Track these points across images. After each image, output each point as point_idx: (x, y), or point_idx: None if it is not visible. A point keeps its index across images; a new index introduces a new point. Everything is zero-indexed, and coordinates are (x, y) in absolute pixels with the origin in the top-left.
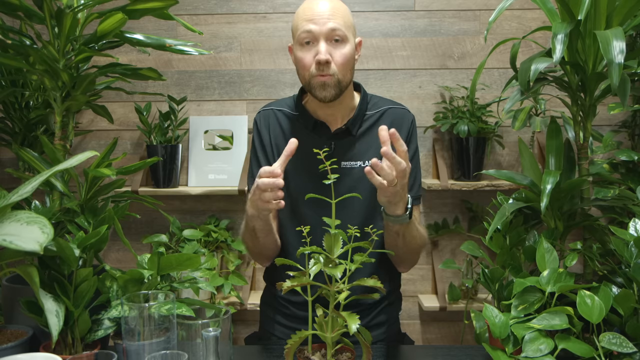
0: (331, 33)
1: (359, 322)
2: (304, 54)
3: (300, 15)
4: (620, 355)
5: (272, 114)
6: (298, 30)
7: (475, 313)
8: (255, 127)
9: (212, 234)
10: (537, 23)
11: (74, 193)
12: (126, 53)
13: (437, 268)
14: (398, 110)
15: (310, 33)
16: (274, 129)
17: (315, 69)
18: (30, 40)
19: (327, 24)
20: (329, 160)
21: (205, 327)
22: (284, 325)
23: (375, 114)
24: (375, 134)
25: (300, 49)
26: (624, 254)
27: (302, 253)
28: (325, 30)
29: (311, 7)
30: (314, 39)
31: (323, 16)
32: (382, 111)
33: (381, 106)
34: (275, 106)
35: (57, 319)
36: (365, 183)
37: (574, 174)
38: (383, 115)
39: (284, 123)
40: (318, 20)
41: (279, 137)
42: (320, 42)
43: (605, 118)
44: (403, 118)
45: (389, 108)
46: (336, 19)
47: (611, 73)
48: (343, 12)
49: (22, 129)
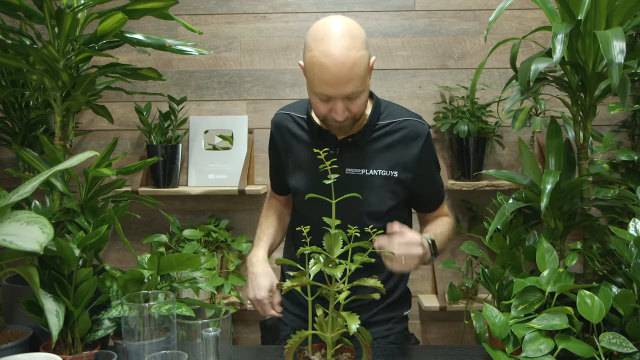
0: (349, 95)
1: (359, 322)
2: (321, 105)
3: (317, 72)
4: (620, 355)
5: (282, 117)
6: (314, 85)
7: (475, 313)
8: (271, 131)
9: (212, 234)
10: (537, 23)
11: (74, 193)
12: (126, 53)
13: (437, 268)
14: (412, 123)
15: (328, 96)
16: (284, 131)
17: (332, 120)
18: (30, 40)
19: (344, 89)
20: (330, 162)
21: (205, 327)
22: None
23: (389, 124)
24: (383, 144)
25: (316, 98)
26: (624, 254)
27: (302, 253)
28: (343, 94)
29: (328, 68)
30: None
31: (341, 81)
32: (398, 122)
33: (396, 117)
34: (286, 110)
35: (57, 319)
36: (369, 190)
37: (574, 174)
38: (396, 128)
39: (292, 126)
40: (337, 86)
41: (289, 139)
42: (337, 102)
43: (605, 118)
44: (417, 132)
45: (404, 120)
46: (354, 82)
47: (611, 73)
48: (358, 69)
49: (22, 129)
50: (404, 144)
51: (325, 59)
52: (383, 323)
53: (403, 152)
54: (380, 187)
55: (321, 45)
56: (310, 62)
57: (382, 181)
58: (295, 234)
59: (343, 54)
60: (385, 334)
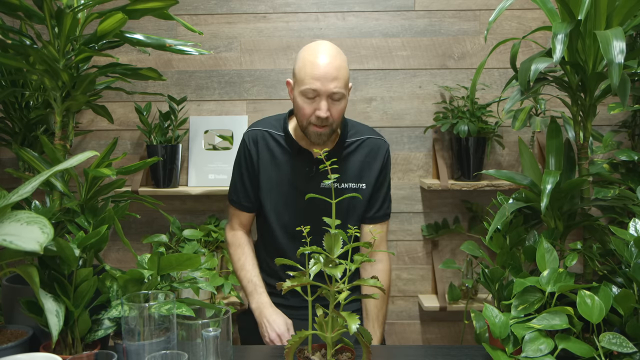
0: (332, 94)
1: (359, 322)
2: (306, 105)
3: (308, 70)
4: (620, 355)
5: (259, 133)
6: (304, 83)
7: (475, 313)
8: (244, 145)
9: (212, 234)
10: (537, 23)
11: (74, 193)
12: (126, 53)
13: (437, 268)
14: (374, 140)
15: (315, 91)
16: (261, 148)
17: (315, 120)
18: (30, 40)
19: (330, 85)
20: (330, 161)
21: (205, 327)
22: None
23: (354, 142)
24: (353, 160)
25: (302, 98)
26: (624, 254)
27: (301, 253)
28: (329, 91)
29: (318, 64)
30: (317, 95)
31: (328, 77)
32: (361, 140)
33: (360, 135)
34: (262, 126)
35: (57, 319)
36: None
37: (574, 174)
38: (361, 145)
39: (270, 143)
40: (324, 81)
41: (265, 156)
42: (322, 100)
43: (605, 118)
44: (379, 148)
45: (368, 138)
46: (339, 82)
47: (611, 73)
48: (344, 72)
49: (22, 129)
50: (369, 159)
51: (315, 59)
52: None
53: (368, 167)
54: (350, 200)
55: (312, 52)
56: (301, 65)
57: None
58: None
59: (332, 55)
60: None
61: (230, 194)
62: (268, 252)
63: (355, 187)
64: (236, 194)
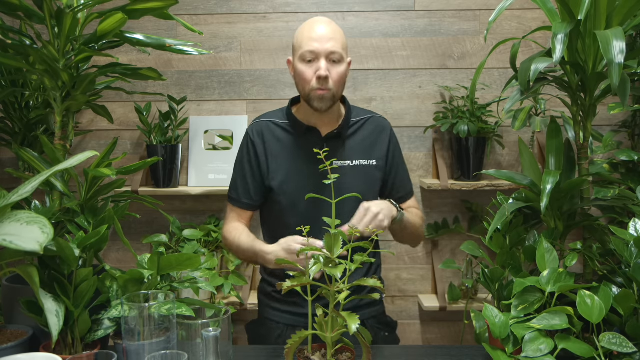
0: (330, 54)
1: (359, 322)
2: (306, 69)
3: (305, 35)
4: (620, 355)
5: (263, 124)
6: (302, 48)
7: (475, 313)
8: (248, 138)
9: (212, 234)
10: (537, 23)
11: (74, 193)
12: (126, 53)
13: (437, 268)
14: (377, 119)
15: (313, 52)
16: (268, 138)
17: (316, 83)
18: (30, 40)
19: (327, 45)
20: (331, 161)
21: (205, 327)
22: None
23: (360, 121)
24: (359, 138)
25: (302, 64)
26: (624, 254)
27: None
28: (327, 50)
29: (314, 28)
30: (316, 57)
31: (325, 38)
32: (366, 119)
33: (363, 115)
34: (265, 118)
35: (57, 319)
36: (354, 179)
37: (574, 174)
38: (366, 123)
39: (276, 131)
40: (320, 41)
41: (273, 145)
42: (321, 60)
43: (605, 118)
44: (383, 126)
45: (371, 116)
46: (336, 42)
47: (611, 73)
48: (340, 36)
49: (22, 129)
50: (375, 136)
51: (312, 23)
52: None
53: (376, 143)
54: (364, 176)
55: (308, 22)
56: (299, 34)
57: (364, 170)
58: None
59: (327, 21)
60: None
61: (230, 192)
62: None
63: (366, 164)
64: (236, 192)
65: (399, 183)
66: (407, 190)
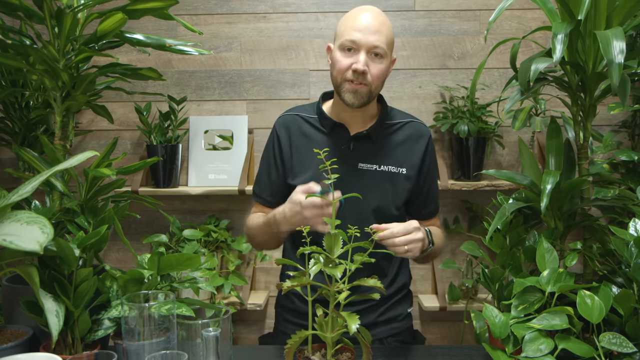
0: (373, 48)
1: (359, 322)
2: (343, 58)
3: (349, 22)
4: (620, 355)
5: (290, 118)
6: (343, 35)
7: (475, 313)
8: (275, 132)
9: (212, 234)
10: (537, 23)
11: (74, 193)
12: (126, 53)
13: (437, 268)
14: (417, 124)
15: (354, 42)
16: (293, 131)
17: (351, 75)
18: (30, 40)
19: (371, 37)
20: (330, 162)
21: (205, 327)
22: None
23: (396, 124)
24: (392, 142)
25: (340, 52)
26: (624, 254)
27: (302, 253)
28: (369, 43)
29: (361, 17)
30: (356, 48)
31: (370, 29)
32: (403, 123)
33: (402, 118)
34: (294, 111)
35: (57, 319)
36: (379, 185)
37: (574, 174)
38: (403, 127)
39: (302, 125)
40: (364, 32)
41: (298, 139)
42: (361, 53)
43: (605, 118)
44: (422, 133)
45: (410, 121)
46: (381, 36)
47: (611, 73)
48: (387, 30)
49: (22, 129)
50: (410, 143)
51: (358, 10)
52: (390, 322)
53: (410, 151)
54: (390, 183)
55: (356, 9)
56: (343, 20)
57: (391, 177)
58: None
59: (376, 11)
60: (394, 332)
61: (254, 187)
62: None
63: (395, 171)
64: (259, 187)
65: (429, 198)
66: (435, 207)
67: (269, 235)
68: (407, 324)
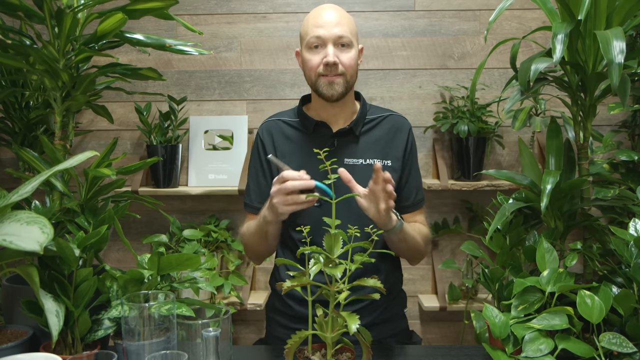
0: (338, 39)
1: (359, 322)
2: (312, 56)
3: (310, 22)
4: (620, 355)
5: (272, 123)
6: (307, 35)
7: (475, 313)
8: (258, 138)
9: (212, 234)
10: (537, 23)
11: (74, 193)
12: (126, 53)
13: (437, 268)
14: (397, 117)
15: (319, 38)
16: (277, 136)
17: (323, 70)
18: (30, 40)
19: (334, 29)
20: (331, 159)
21: (205, 327)
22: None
23: (376, 118)
24: (375, 136)
25: (308, 52)
26: (624, 254)
27: (302, 253)
28: (333, 35)
29: (320, 14)
30: (323, 44)
31: (331, 23)
32: (383, 117)
33: (381, 113)
34: (275, 117)
35: (57, 319)
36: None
37: (574, 174)
38: (383, 121)
39: (285, 128)
40: (326, 27)
41: (282, 144)
42: (328, 46)
43: (605, 118)
44: (402, 125)
45: (390, 115)
46: (343, 27)
47: (611, 73)
48: (348, 21)
49: (22, 129)
50: (392, 135)
51: (317, 9)
52: (386, 322)
53: (392, 143)
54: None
55: (315, 9)
56: (305, 21)
57: None
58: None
59: (334, 7)
60: (392, 333)
61: (245, 199)
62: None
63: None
64: (249, 197)
65: (408, 189)
66: (415, 200)
67: (259, 235)
68: (404, 324)
